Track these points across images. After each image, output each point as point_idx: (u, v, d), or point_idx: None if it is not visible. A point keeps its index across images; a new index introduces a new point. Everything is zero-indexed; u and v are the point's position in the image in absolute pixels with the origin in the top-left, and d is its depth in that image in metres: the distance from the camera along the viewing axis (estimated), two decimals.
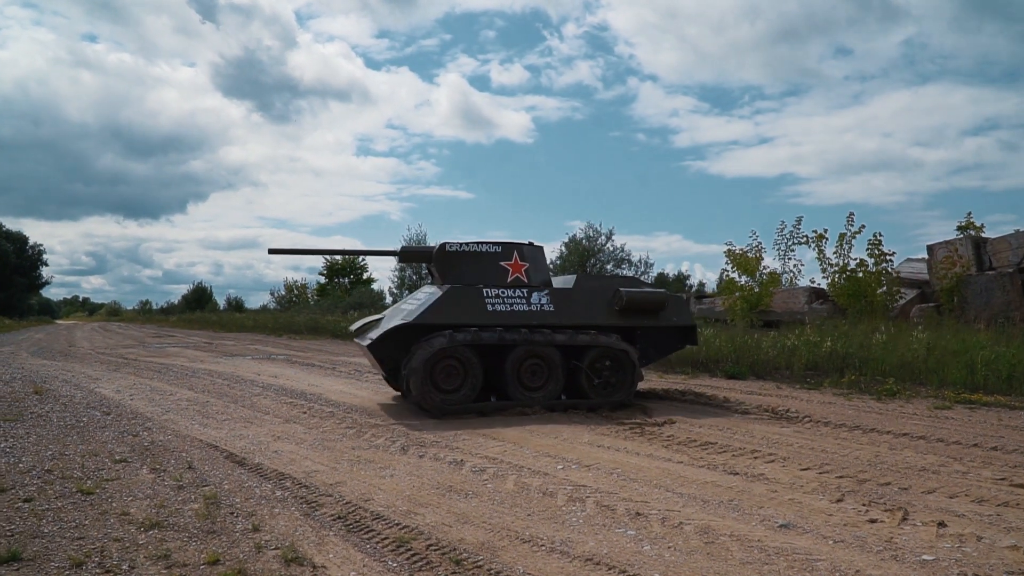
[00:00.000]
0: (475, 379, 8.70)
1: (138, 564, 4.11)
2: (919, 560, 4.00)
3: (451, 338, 8.54)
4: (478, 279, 9.31)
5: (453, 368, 8.64)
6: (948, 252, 18.84)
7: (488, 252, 9.46)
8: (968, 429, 7.57)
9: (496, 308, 8.90)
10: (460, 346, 8.59)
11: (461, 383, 8.67)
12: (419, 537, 4.53)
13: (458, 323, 8.71)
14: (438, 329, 8.66)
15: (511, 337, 8.74)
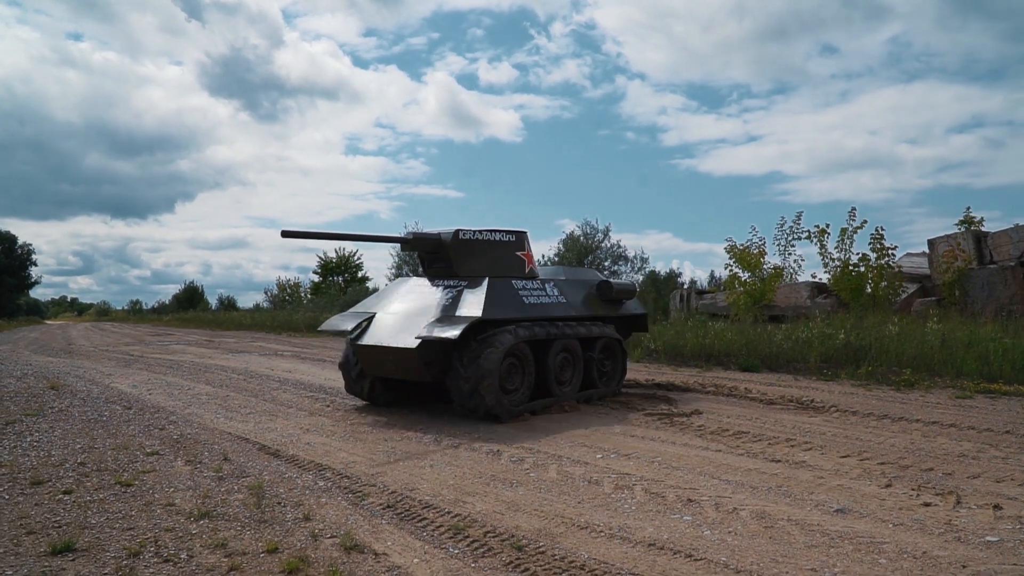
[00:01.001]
0: (531, 377, 8.12)
1: (196, 553, 4.07)
2: (984, 541, 4.01)
3: (516, 334, 7.86)
4: (500, 270, 8.69)
5: (514, 367, 7.96)
6: (950, 246, 18.91)
7: (503, 241, 8.85)
8: (995, 417, 7.59)
9: (530, 301, 8.44)
10: (521, 343, 7.96)
11: (521, 382, 8.06)
12: (473, 524, 4.50)
13: (507, 318, 8.00)
14: (498, 324, 7.92)
15: (555, 331, 8.40)
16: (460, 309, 7.80)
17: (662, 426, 7.44)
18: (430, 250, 8.57)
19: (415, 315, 8.02)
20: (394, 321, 8.10)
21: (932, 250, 20.26)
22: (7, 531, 4.46)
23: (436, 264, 8.71)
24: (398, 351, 7.66)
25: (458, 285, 8.29)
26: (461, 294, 8.07)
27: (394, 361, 7.78)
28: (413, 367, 7.66)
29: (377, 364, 8.02)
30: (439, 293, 8.31)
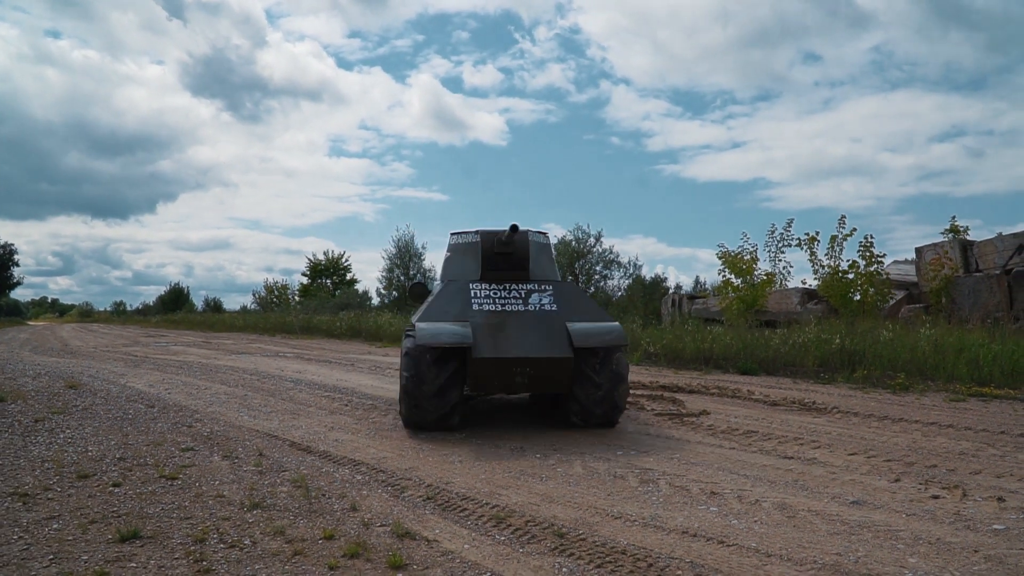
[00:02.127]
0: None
1: (258, 540, 4.33)
2: (992, 529, 4.34)
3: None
4: (552, 272, 8.49)
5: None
6: (937, 254, 19.38)
7: (546, 243, 8.65)
8: (989, 418, 7.96)
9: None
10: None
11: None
12: (513, 515, 4.78)
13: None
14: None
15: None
16: (573, 314, 7.40)
17: (673, 425, 7.76)
18: (504, 250, 7.94)
19: (521, 322, 7.29)
20: (508, 330, 7.18)
21: (919, 258, 20.72)
22: (69, 520, 4.70)
23: (504, 266, 8.00)
24: (549, 362, 6.96)
25: (539, 288, 7.72)
26: (553, 298, 7.60)
27: (537, 373, 6.98)
28: (563, 378, 7.08)
29: (505, 379, 7.01)
30: (526, 297, 7.59)
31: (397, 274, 44.23)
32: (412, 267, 44.10)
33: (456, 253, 8.34)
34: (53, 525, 4.60)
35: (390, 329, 23.24)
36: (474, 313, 7.28)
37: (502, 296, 7.55)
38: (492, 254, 7.96)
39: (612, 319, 7.64)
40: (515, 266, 8.00)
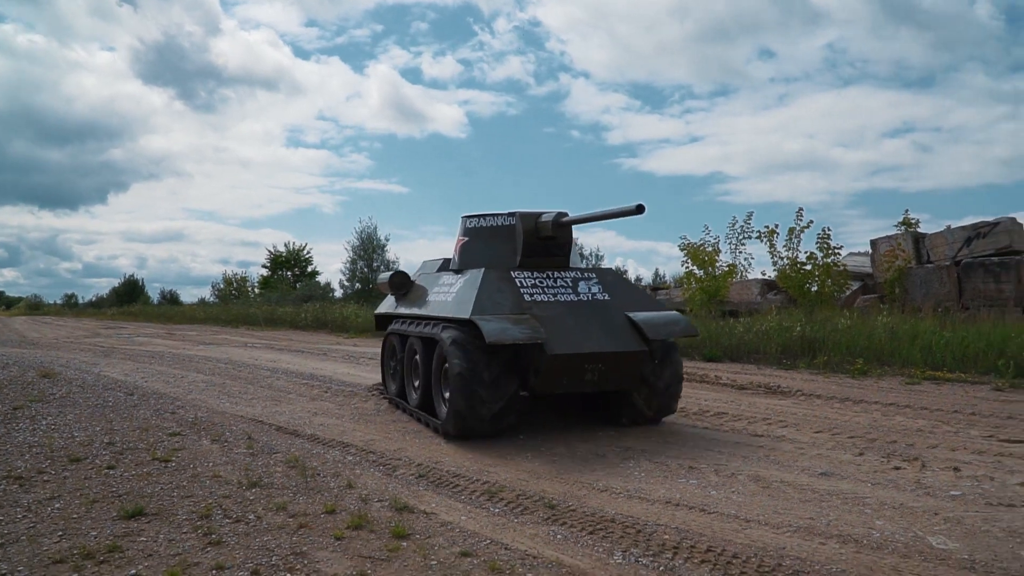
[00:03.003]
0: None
1: (261, 515, 4.50)
2: (949, 495, 4.70)
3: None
4: (576, 260, 7.95)
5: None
6: (890, 246, 20.03)
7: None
8: (943, 400, 8.41)
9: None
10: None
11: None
12: (504, 489, 5.02)
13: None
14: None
15: None
16: (627, 303, 6.84)
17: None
18: (548, 234, 7.19)
19: (580, 314, 6.61)
20: (571, 322, 6.48)
21: (874, 250, 21.37)
22: (71, 500, 4.82)
23: (546, 252, 7.31)
24: (623, 357, 6.37)
25: (585, 276, 7.12)
26: (602, 287, 7.01)
27: (609, 369, 6.38)
28: (634, 373, 6.57)
29: (575, 376, 6.33)
30: (574, 286, 6.94)
31: (360, 266, 44.11)
32: (376, 259, 44.00)
33: (477, 237, 7.48)
34: (55, 504, 4.72)
35: (357, 320, 23.29)
36: (529, 304, 6.53)
37: (549, 285, 6.84)
38: (534, 239, 7.19)
39: (664, 307, 7.26)
40: (557, 252, 7.36)
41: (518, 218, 7.27)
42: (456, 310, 6.59)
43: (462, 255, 7.61)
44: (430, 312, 7.18)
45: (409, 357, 7.72)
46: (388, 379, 8.69)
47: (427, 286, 7.90)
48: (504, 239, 7.33)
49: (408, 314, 7.93)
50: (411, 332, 7.49)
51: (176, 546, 3.99)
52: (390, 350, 8.58)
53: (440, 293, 7.30)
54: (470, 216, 7.65)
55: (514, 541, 4.03)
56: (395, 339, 8.30)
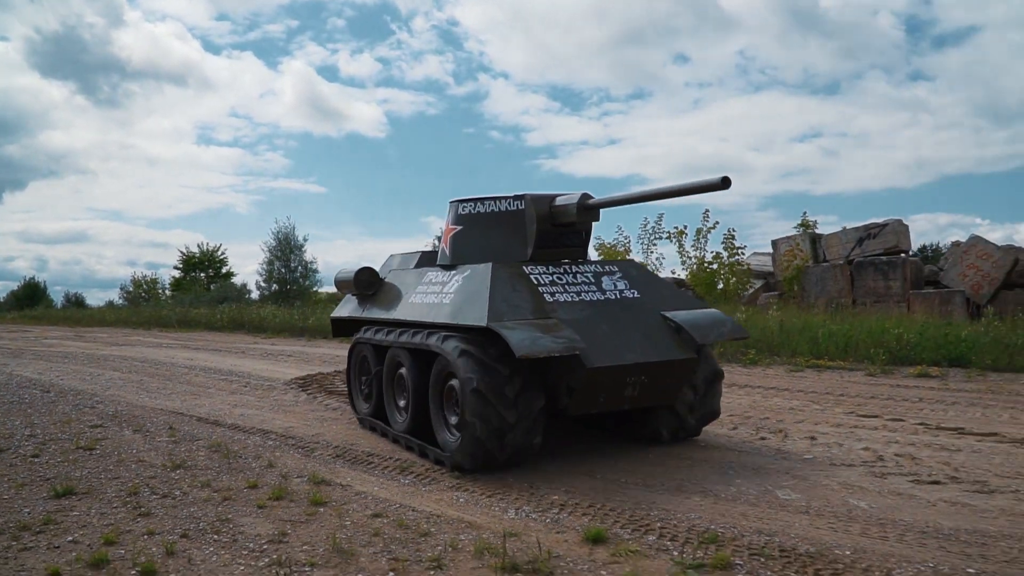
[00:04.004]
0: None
1: (187, 491, 4.87)
2: (802, 458, 5.41)
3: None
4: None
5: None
6: (790, 246, 21.29)
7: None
8: (819, 384, 9.28)
9: None
10: None
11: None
12: (415, 465, 5.50)
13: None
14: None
15: None
16: (659, 301, 5.86)
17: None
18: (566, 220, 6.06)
19: (612, 316, 5.57)
20: (605, 327, 5.42)
21: (775, 250, 22.61)
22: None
23: (562, 242, 6.24)
24: (669, 366, 5.39)
25: (607, 270, 6.07)
26: (628, 282, 6.00)
27: (652, 382, 5.36)
28: (679, 386, 5.63)
29: (615, 392, 5.29)
30: (598, 282, 5.88)
31: (278, 267, 43.64)
32: (293, 260, 43.60)
33: (475, 226, 6.32)
34: None
35: (275, 321, 23.28)
36: (552, 306, 5.43)
37: (569, 282, 5.77)
38: (549, 227, 6.08)
39: (696, 303, 6.47)
40: (575, 243, 6.31)
41: (528, 201, 6.05)
42: (462, 315, 5.41)
43: (455, 247, 6.40)
44: (419, 317, 5.95)
45: (390, 372, 6.45)
46: (358, 397, 7.29)
47: (404, 285, 6.68)
48: (510, 227, 6.14)
49: (385, 319, 6.58)
50: (393, 342, 6.19)
51: (108, 518, 4.33)
52: (358, 362, 7.28)
53: (429, 294, 6.11)
54: (463, 201, 6.45)
55: (421, 505, 4.53)
56: (367, 350, 6.93)
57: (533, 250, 6.02)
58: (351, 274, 7.10)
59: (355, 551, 3.71)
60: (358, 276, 7.07)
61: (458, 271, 6.01)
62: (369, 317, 6.95)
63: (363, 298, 7.20)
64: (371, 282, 7.11)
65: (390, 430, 6.35)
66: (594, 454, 5.70)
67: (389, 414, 6.47)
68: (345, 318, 7.51)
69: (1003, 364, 10.17)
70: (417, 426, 5.92)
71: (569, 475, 5.10)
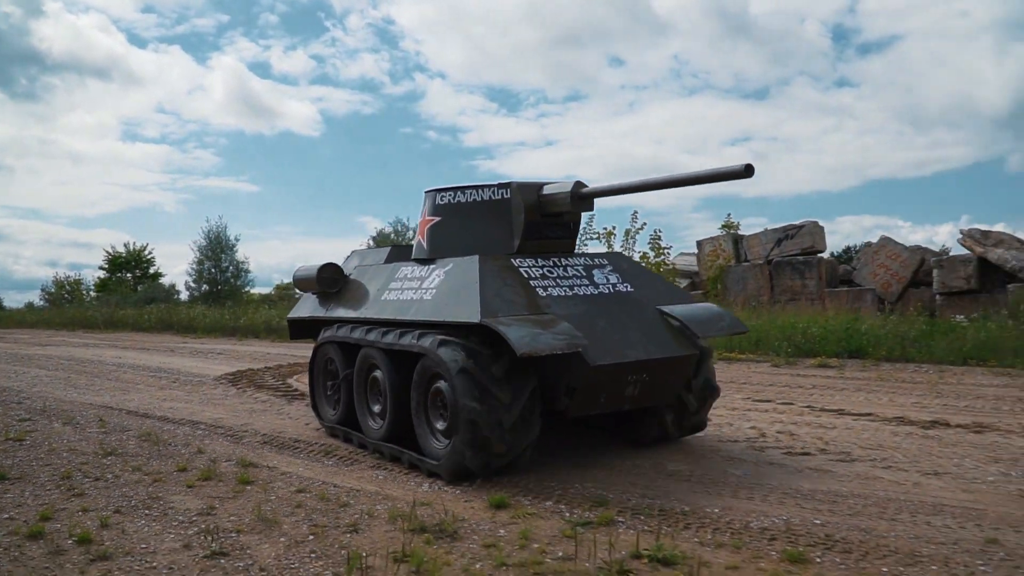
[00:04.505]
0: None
1: (119, 475, 5.13)
2: (696, 437, 5.94)
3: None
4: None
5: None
6: (713, 247, 22.18)
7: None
8: (725, 374, 9.91)
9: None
10: None
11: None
12: (339, 449, 5.86)
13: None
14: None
15: None
16: (653, 295, 5.63)
17: None
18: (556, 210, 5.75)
19: (608, 311, 5.30)
20: (603, 323, 5.16)
21: (700, 250, 23.48)
22: None
23: (550, 233, 5.90)
24: (671, 364, 5.18)
25: (597, 263, 5.83)
26: (619, 275, 5.74)
27: (653, 380, 5.15)
28: (679, 384, 5.41)
29: (615, 391, 5.05)
30: (589, 276, 5.62)
31: (208, 267, 43.01)
32: (225, 260, 43.02)
33: (455, 216, 5.95)
34: None
35: (204, 321, 23.13)
36: (546, 301, 5.14)
37: (560, 276, 5.50)
38: (537, 217, 5.75)
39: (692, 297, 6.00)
40: (563, 234, 5.99)
41: (514, 190, 5.70)
42: (449, 312, 5.07)
43: (433, 240, 6.02)
44: (395, 315, 5.57)
45: (363, 375, 5.97)
46: (323, 402, 6.71)
47: (372, 282, 6.30)
48: (495, 217, 5.77)
49: (355, 318, 6.14)
50: (366, 342, 5.75)
51: (43, 499, 4.57)
52: (323, 366, 6.70)
53: (405, 289, 5.73)
54: (441, 190, 6.05)
55: (343, 482, 4.89)
56: (334, 351, 6.44)
57: (521, 241, 5.69)
58: (313, 271, 6.62)
59: (279, 520, 4.06)
60: (321, 273, 6.58)
61: (438, 265, 5.64)
62: (335, 316, 6.46)
63: (326, 296, 6.73)
64: (335, 279, 6.65)
65: (365, 439, 5.84)
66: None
67: (361, 421, 5.96)
68: (305, 319, 6.98)
69: (896, 355, 10.99)
70: (397, 433, 5.49)
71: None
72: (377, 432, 5.72)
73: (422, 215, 6.23)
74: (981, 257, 15.80)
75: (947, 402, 7.32)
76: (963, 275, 15.73)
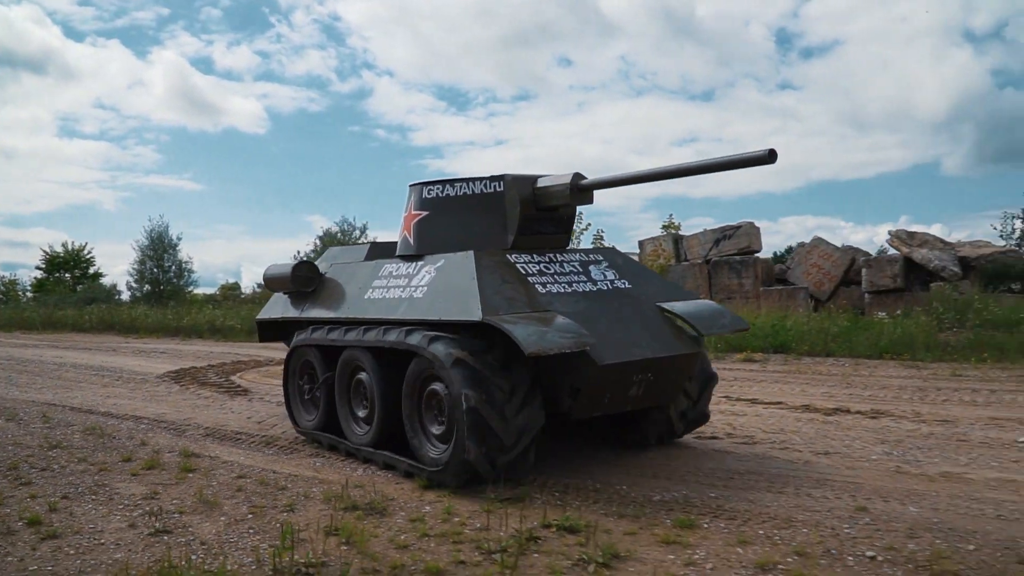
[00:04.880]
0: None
1: (64, 465, 5.34)
2: None
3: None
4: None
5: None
6: (655, 247, 22.82)
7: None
8: None
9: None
10: None
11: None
12: (280, 439, 6.15)
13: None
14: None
15: None
16: (651, 291, 5.48)
17: None
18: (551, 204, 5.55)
19: (609, 309, 5.12)
20: (606, 321, 4.96)
21: (641, 250, 24.09)
22: None
23: (544, 228, 5.68)
24: (674, 362, 5.05)
25: (592, 259, 5.66)
26: (616, 271, 5.58)
27: (657, 379, 5.02)
28: (680, 384, 5.31)
29: (620, 392, 4.91)
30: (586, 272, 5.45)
31: (150, 267, 42.36)
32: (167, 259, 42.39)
33: (445, 211, 5.73)
34: None
35: (147, 321, 22.94)
36: (545, 298, 4.96)
37: (557, 272, 5.31)
38: (532, 211, 5.54)
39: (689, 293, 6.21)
40: (558, 229, 5.78)
41: (508, 183, 5.50)
42: (445, 310, 4.87)
43: (421, 235, 5.78)
44: (382, 314, 5.34)
45: (345, 378, 5.70)
46: (298, 408, 6.40)
47: (352, 280, 6.08)
48: (488, 212, 5.54)
49: (335, 319, 5.89)
50: (349, 342, 5.52)
51: None
52: (299, 369, 6.40)
53: (392, 288, 5.52)
54: (428, 183, 5.85)
55: (282, 468, 5.19)
56: (312, 353, 6.13)
57: (515, 237, 5.45)
58: (287, 269, 6.35)
59: (219, 502, 4.35)
60: (296, 272, 6.31)
61: (427, 261, 5.43)
62: (311, 317, 6.19)
63: (300, 297, 6.47)
64: (310, 278, 6.37)
65: (349, 445, 5.55)
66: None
67: (344, 426, 5.66)
68: (277, 319, 6.71)
69: (818, 350, 11.64)
70: (385, 439, 5.25)
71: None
72: (363, 437, 5.44)
73: (407, 209, 5.98)
74: (907, 257, 16.68)
75: (854, 392, 7.90)
76: (890, 274, 16.55)
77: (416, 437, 4.94)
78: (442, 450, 4.74)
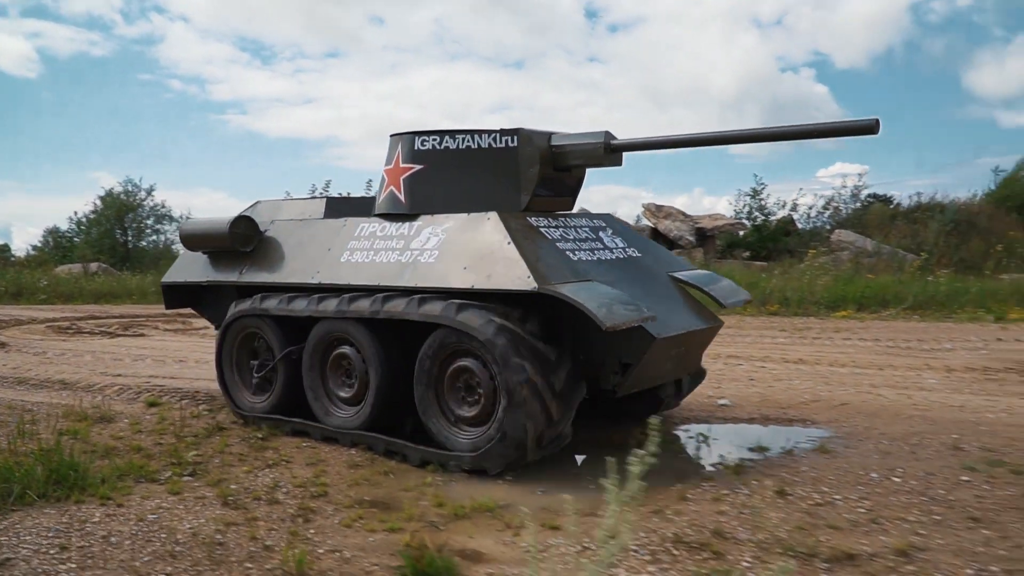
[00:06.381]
0: None
1: None
2: None
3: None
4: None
5: None
6: None
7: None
8: None
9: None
10: None
11: None
12: (31, 379, 7.11)
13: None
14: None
15: None
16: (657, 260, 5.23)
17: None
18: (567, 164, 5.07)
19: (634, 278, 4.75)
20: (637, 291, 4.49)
21: None
22: None
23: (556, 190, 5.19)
24: (703, 336, 4.88)
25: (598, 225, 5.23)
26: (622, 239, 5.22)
27: (687, 353, 4.87)
28: (699, 355, 5.19)
29: (661, 367, 4.68)
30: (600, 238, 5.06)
31: None
32: None
33: (445, 166, 5.02)
34: None
35: None
36: (581, 266, 4.52)
37: (576, 238, 4.85)
38: (550, 171, 5.01)
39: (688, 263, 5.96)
40: (567, 191, 5.31)
41: (523, 138, 4.85)
42: (475, 277, 4.28)
43: (414, 192, 5.06)
44: (376, 281, 4.72)
45: (320, 353, 5.03)
46: (240, 388, 5.63)
47: (313, 241, 5.38)
48: (498, 169, 4.92)
49: (298, 284, 5.19)
50: (329, 313, 4.83)
51: None
52: (241, 343, 5.59)
53: (381, 251, 4.90)
54: (421, 134, 5.08)
55: (33, 398, 6.24)
56: (264, 324, 5.33)
57: (532, 198, 4.90)
58: (222, 225, 5.49)
59: None
60: (234, 228, 5.48)
61: (428, 222, 4.82)
62: (258, 282, 5.43)
63: (232, 257, 5.65)
64: (250, 236, 5.59)
65: (325, 428, 4.97)
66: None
67: (317, 408, 5.05)
68: (198, 283, 5.89)
69: None
70: (381, 421, 4.75)
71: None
72: (353, 420, 4.85)
73: (391, 162, 5.22)
74: (654, 228, 19.38)
75: None
76: None
77: (436, 422, 4.44)
78: (477, 434, 4.28)
